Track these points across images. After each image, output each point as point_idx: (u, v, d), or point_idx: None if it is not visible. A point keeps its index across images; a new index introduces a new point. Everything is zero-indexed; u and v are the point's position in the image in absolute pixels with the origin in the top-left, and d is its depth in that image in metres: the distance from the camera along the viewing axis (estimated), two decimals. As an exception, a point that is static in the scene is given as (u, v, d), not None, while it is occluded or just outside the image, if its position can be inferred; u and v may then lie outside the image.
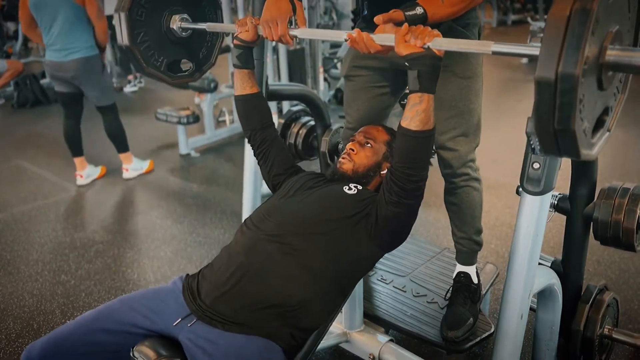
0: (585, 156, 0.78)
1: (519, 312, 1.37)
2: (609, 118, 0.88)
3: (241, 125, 1.61)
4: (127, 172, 3.89)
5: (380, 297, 1.89)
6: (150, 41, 1.54)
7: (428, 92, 1.16)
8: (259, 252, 1.29)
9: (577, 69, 0.69)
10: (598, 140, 0.85)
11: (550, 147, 0.78)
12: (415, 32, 1.12)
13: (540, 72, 0.72)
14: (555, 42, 0.70)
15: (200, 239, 2.94)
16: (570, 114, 0.72)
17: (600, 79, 0.79)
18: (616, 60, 0.77)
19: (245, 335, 1.19)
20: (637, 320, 2.10)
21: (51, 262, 2.76)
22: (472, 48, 1.07)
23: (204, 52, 1.71)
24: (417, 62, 1.13)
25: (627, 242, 1.48)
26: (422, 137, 1.20)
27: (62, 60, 3.39)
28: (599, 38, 0.75)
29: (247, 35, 1.43)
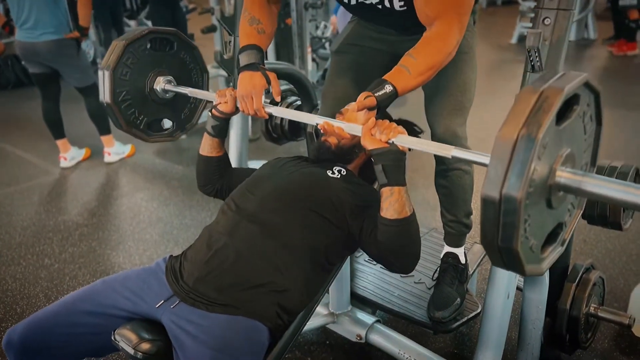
0: (530, 272, 0.79)
1: (506, 291, 1.36)
2: (562, 232, 0.89)
3: (197, 182, 1.59)
4: (108, 155, 3.82)
5: (367, 278, 1.88)
6: (132, 100, 1.55)
7: (397, 184, 1.19)
8: (242, 232, 1.28)
9: (520, 191, 0.70)
10: (550, 254, 0.85)
11: (496, 262, 0.80)
12: (381, 127, 1.17)
13: (486, 191, 0.73)
14: (501, 164, 0.72)
15: (186, 222, 2.91)
16: (512, 234, 0.73)
17: (550, 200, 0.80)
18: (566, 182, 0.79)
19: (230, 315, 1.17)
20: (622, 298, 2.12)
21: (34, 246, 2.72)
22: (432, 149, 1.10)
23: (186, 112, 1.73)
24: (381, 157, 1.17)
25: (614, 221, 1.48)
26: (401, 225, 1.21)
27: (34, 41, 3.26)
28: (549, 161, 0.76)
29: (226, 107, 1.44)
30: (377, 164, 1.18)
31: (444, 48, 1.27)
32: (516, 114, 0.73)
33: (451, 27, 1.26)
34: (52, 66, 3.41)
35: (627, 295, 2.08)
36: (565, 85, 0.74)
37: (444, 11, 1.25)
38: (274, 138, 2.28)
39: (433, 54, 1.27)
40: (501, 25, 8.02)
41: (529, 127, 0.71)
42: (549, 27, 1.17)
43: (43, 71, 3.44)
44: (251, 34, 1.44)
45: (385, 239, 1.22)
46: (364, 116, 1.23)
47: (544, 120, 0.71)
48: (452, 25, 1.26)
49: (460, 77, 1.50)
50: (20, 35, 3.30)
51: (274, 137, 2.28)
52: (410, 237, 1.23)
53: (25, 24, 3.24)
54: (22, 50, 3.37)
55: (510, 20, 7.90)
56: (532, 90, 0.74)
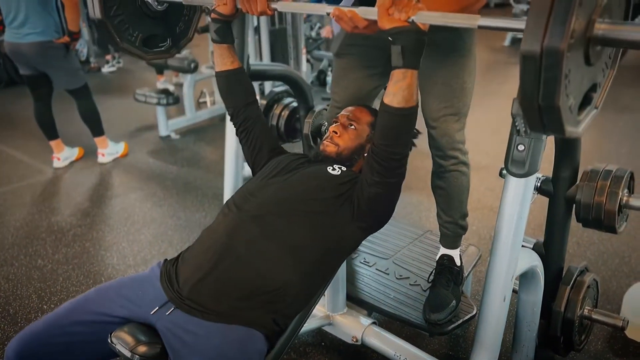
0: (570, 133, 0.77)
1: (502, 294, 1.37)
2: (596, 95, 0.86)
3: (224, 102, 1.56)
4: (102, 156, 3.79)
5: (363, 280, 1.89)
6: (124, 15, 1.48)
7: (412, 67, 1.13)
8: (241, 234, 1.27)
9: (562, 42, 0.67)
10: (584, 117, 0.83)
11: (535, 124, 0.76)
12: (400, 5, 1.08)
13: (525, 46, 0.69)
14: (541, 15, 0.67)
15: (181, 222, 2.90)
16: (554, 90, 0.70)
17: (588, 54, 0.77)
18: (604, 34, 0.75)
19: (225, 324, 1.16)
20: (615, 300, 2.14)
21: (27, 246, 2.70)
22: (457, 22, 1.03)
23: (181, 26, 1.66)
24: (400, 37, 1.09)
25: (608, 224, 1.49)
26: (406, 114, 1.17)
27: (19, 42, 3.20)
28: (587, 11, 0.72)
29: (225, 8, 1.39)
30: (396, 43, 1.10)
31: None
32: None
33: None
34: (39, 69, 3.35)
35: (619, 297, 2.09)
36: None
37: None
38: (269, 139, 2.28)
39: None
40: (494, 28, 8.05)
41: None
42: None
43: (32, 73, 3.39)
44: None
45: (384, 130, 1.19)
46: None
47: None
48: None
49: (458, 81, 1.51)
50: (7, 35, 3.26)
51: (269, 138, 2.27)
52: (410, 127, 1.20)
53: (13, 23, 3.20)
54: (9, 50, 3.31)
55: (503, 23, 7.92)
56: None
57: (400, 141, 1.22)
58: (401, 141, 1.22)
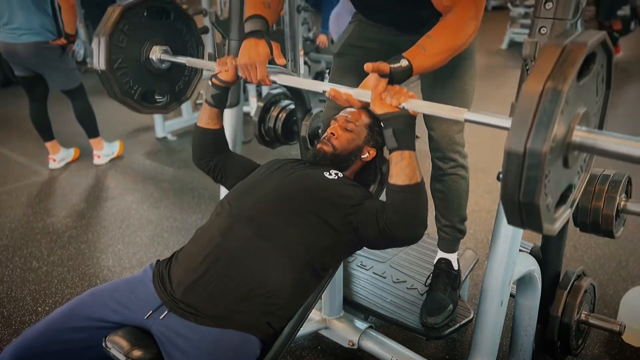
0: (547, 230, 0.80)
1: (499, 298, 1.36)
2: (571, 195, 0.90)
3: (192, 155, 1.57)
4: (98, 158, 3.77)
5: (359, 284, 1.88)
6: (128, 69, 1.52)
7: (407, 148, 1.17)
8: (235, 234, 1.26)
9: (545, 146, 0.71)
10: (560, 215, 0.86)
11: (514, 218, 0.80)
12: (392, 91, 1.15)
13: (510, 145, 0.73)
14: (526, 117, 0.72)
15: (177, 224, 2.89)
16: (535, 189, 0.74)
17: (566, 158, 0.81)
18: (582, 141, 0.79)
19: (220, 328, 1.15)
20: (612, 305, 2.13)
21: (22, 248, 2.68)
22: (445, 113, 1.08)
23: (180, 85, 1.70)
24: (392, 121, 1.15)
25: (606, 229, 1.48)
26: (411, 190, 1.19)
27: (15, 42, 3.18)
28: (568, 118, 0.77)
29: (227, 75, 1.42)
30: (387, 128, 1.16)
31: (460, 33, 1.26)
32: (541, 68, 0.72)
33: (467, 13, 1.25)
34: (34, 69, 3.32)
35: (616, 302, 2.09)
36: (588, 41, 0.73)
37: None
38: (266, 141, 2.27)
39: (450, 36, 1.26)
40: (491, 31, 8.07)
41: (555, 80, 0.70)
42: (545, 37, 1.17)
43: (28, 74, 3.36)
44: (257, 5, 1.41)
45: (395, 206, 1.20)
46: (374, 81, 1.18)
47: (569, 73, 0.70)
48: (469, 11, 1.25)
49: (459, 83, 1.51)
50: (2, 36, 3.23)
51: (266, 140, 2.26)
52: (420, 203, 1.21)
53: (7, 23, 3.17)
54: (4, 51, 3.29)
55: (500, 26, 7.95)
56: (556, 45, 0.73)
57: (414, 219, 1.22)
58: (415, 219, 1.22)
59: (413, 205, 1.20)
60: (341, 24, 3.86)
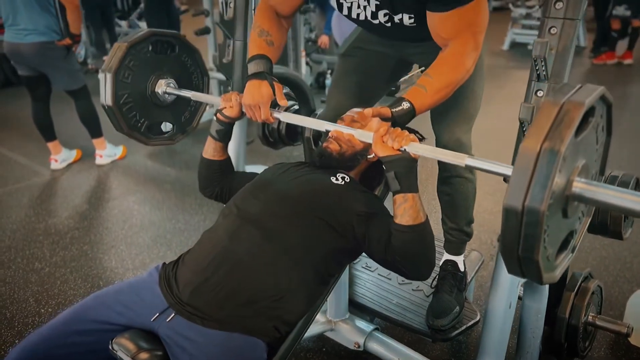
0: (546, 280, 0.81)
1: (507, 301, 1.36)
2: (573, 240, 0.90)
3: (199, 184, 1.57)
4: (100, 158, 3.76)
5: (365, 285, 1.87)
6: (134, 103, 1.55)
7: (410, 191, 1.17)
8: (242, 237, 1.25)
9: (543, 205, 0.71)
10: (562, 262, 0.86)
11: (514, 270, 0.81)
12: (393, 134, 1.16)
13: (509, 201, 0.74)
14: (523, 176, 0.73)
15: (180, 225, 2.88)
16: (534, 246, 0.75)
17: (566, 209, 0.81)
18: (581, 193, 0.80)
19: (227, 332, 1.14)
20: (617, 306, 2.12)
21: (24, 249, 2.67)
22: (446, 158, 1.09)
23: (186, 116, 1.72)
24: (393, 164, 1.17)
25: (614, 230, 1.47)
26: (416, 230, 1.19)
27: (20, 42, 3.18)
28: (566, 173, 0.78)
29: (232, 112, 1.44)
30: (389, 171, 1.17)
31: (460, 67, 1.27)
32: (538, 127, 0.73)
33: (466, 47, 1.26)
34: (38, 69, 3.33)
35: (622, 303, 2.08)
36: (586, 99, 0.74)
37: (457, 33, 1.25)
38: (270, 142, 2.26)
39: (449, 72, 1.28)
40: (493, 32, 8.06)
41: (552, 140, 0.72)
42: (555, 37, 1.16)
43: (31, 74, 3.37)
44: (260, 45, 1.44)
45: (400, 246, 1.20)
46: (377, 124, 1.22)
47: (566, 134, 0.71)
48: (467, 45, 1.26)
49: (467, 85, 1.50)
50: (7, 36, 3.23)
51: (270, 141, 2.25)
52: (425, 243, 1.21)
53: (13, 24, 3.18)
54: (9, 51, 3.30)
55: (501, 27, 7.94)
56: (553, 103, 0.74)
57: (421, 260, 1.22)
58: (422, 260, 1.22)
59: (418, 245, 1.21)
60: (343, 24, 3.85)
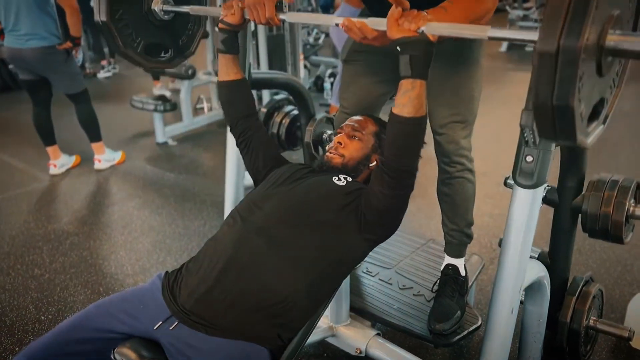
0: (580, 141, 0.77)
1: (510, 306, 1.35)
2: (604, 110, 0.87)
3: (223, 112, 1.56)
4: (99, 162, 3.77)
5: (366, 290, 1.86)
6: (129, 20, 1.48)
7: (420, 77, 1.12)
8: (247, 246, 1.24)
9: (579, 42, 0.67)
10: (593, 130, 0.83)
11: (547, 128, 0.76)
12: (409, 16, 1.08)
13: (542, 45, 0.70)
14: (557, 13, 0.68)
15: (179, 230, 2.87)
16: (569, 90, 0.70)
17: (600, 64, 0.77)
18: (616, 45, 0.76)
19: (230, 340, 1.14)
20: (618, 309, 2.12)
21: (23, 255, 2.66)
22: (467, 33, 1.03)
23: (184, 39, 1.66)
24: (409, 47, 1.09)
25: (615, 235, 1.48)
26: (416, 123, 1.17)
27: (21, 47, 3.20)
28: (601, 19, 0.73)
29: (233, 18, 1.39)
30: (404, 54, 1.10)
31: (479, 4, 1.22)
32: None
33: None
34: (40, 73, 3.35)
35: (623, 306, 2.08)
36: None
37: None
38: (270, 147, 2.26)
39: (469, 4, 1.22)
40: (490, 34, 8.08)
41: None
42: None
43: (32, 78, 3.39)
44: None
45: (394, 138, 1.18)
46: (392, 10, 1.11)
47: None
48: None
49: (466, 89, 1.50)
50: (8, 41, 3.25)
51: (270, 146, 2.26)
52: (420, 137, 1.19)
53: (13, 29, 3.19)
54: (10, 56, 3.32)
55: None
56: None
57: (411, 151, 1.21)
58: (411, 151, 1.21)
59: (413, 139, 1.18)
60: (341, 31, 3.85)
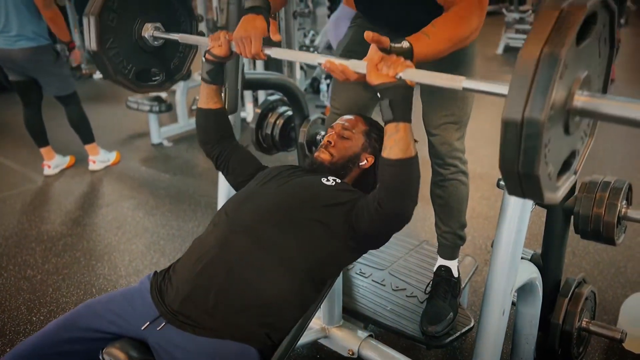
0: (548, 200, 0.78)
1: (501, 308, 1.35)
2: (575, 161, 0.88)
3: (197, 138, 1.56)
4: (93, 164, 3.75)
5: (359, 292, 1.86)
6: (120, 48, 1.50)
7: (403, 120, 1.14)
8: (233, 245, 1.24)
9: (543, 114, 0.68)
10: (563, 183, 0.84)
11: (514, 189, 0.78)
12: (388, 61, 1.11)
13: (507, 114, 0.71)
14: (522, 85, 0.69)
15: (173, 232, 2.86)
16: (534, 159, 0.72)
17: (567, 124, 0.78)
18: (584, 106, 0.77)
19: (218, 340, 1.13)
20: (611, 311, 2.12)
21: (16, 256, 2.65)
22: (443, 82, 1.05)
23: (175, 62, 1.68)
24: (388, 92, 1.12)
25: (607, 236, 1.48)
26: (405, 164, 1.16)
27: (10, 48, 3.16)
28: (567, 83, 0.74)
29: (220, 50, 1.39)
30: (384, 99, 1.13)
31: (464, 24, 1.25)
32: (537, 32, 0.70)
33: (471, 9, 1.24)
34: (29, 74, 3.32)
35: (615, 308, 2.08)
36: (587, 2, 0.71)
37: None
38: (264, 148, 2.26)
39: (454, 27, 1.24)
40: (487, 36, 8.11)
41: (552, 44, 0.68)
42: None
43: (23, 79, 3.35)
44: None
45: (387, 180, 1.17)
46: (371, 53, 1.14)
47: (567, 37, 0.68)
48: (472, 7, 1.24)
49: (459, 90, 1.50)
50: None
51: (264, 147, 2.25)
52: (412, 178, 1.19)
53: (3, 30, 3.15)
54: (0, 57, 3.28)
55: (495, 31, 7.99)
56: (553, 7, 0.71)
57: (405, 194, 1.19)
58: (406, 194, 1.19)
59: (405, 180, 1.18)
60: (340, 29, 3.85)
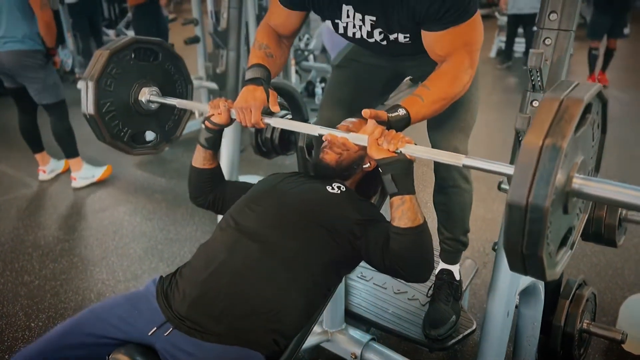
0: (550, 276, 0.81)
1: (505, 310, 1.36)
2: (572, 236, 0.91)
3: (189, 193, 1.55)
4: (74, 181, 3.51)
5: (360, 295, 1.86)
6: (116, 111, 1.51)
7: (407, 193, 1.16)
8: (241, 250, 1.23)
9: (546, 201, 0.72)
10: (561, 258, 0.87)
11: (517, 267, 0.81)
12: (388, 136, 1.15)
13: (513, 198, 0.74)
14: (527, 171, 0.73)
15: (171, 236, 2.85)
16: (538, 241, 0.75)
17: (566, 205, 0.82)
18: (580, 188, 0.81)
19: (225, 345, 1.13)
20: (610, 312, 2.14)
21: (13, 262, 2.63)
22: (443, 159, 1.08)
23: (170, 124, 1.69)
24: (389, 167, 1.15)
25: (608, 238, 1.48)
26: (414, 233, 1.18)
27: None
28: (567, 169, 0.79)
29: (220, 118, 1.41)
30: (386, 174, 1.16)
31: (456, 81, 1.28)
32: (539, 123, 0.74)
33: (462, 63, 1.27)
34: (16, 79, 3.21)
35: (614, 309, 2.10)
36: (584, 96, 0.75)
37: (454, 50, 1.26)
38: (263, 152, 2.25)
39: (446, 85, 1.28)
40: (479, 39, 8.15)
41: (554, 136, 0.72)
42: (549, 47, 1.18)
43: (16, 86, 3.27)
44: (259, 56, 1.44)
45: (399, 249, 1.18)
46: (372, 127, 1.18)
47: (568, 129, 0.72)
48: (463, 62, 1.27)
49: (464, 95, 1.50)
50: None
51: (263, 150, 2.24)
52: (424, 245, 1.20)
53: None
54: None
55: (488, 34, 8.01)
56: (553, 99, 0.76)
57: (423, 262, 1.21)
58: (424, 262, 1.21)
59: (417, 248, 1.19)
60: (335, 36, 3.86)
